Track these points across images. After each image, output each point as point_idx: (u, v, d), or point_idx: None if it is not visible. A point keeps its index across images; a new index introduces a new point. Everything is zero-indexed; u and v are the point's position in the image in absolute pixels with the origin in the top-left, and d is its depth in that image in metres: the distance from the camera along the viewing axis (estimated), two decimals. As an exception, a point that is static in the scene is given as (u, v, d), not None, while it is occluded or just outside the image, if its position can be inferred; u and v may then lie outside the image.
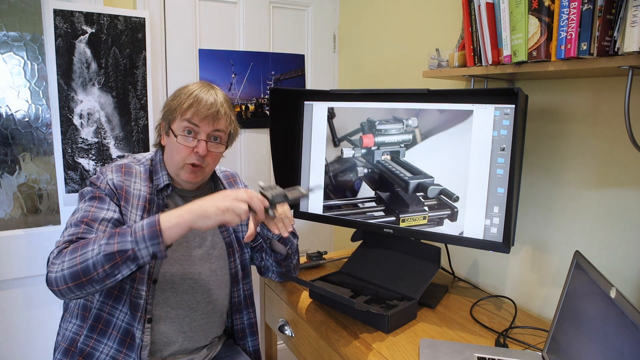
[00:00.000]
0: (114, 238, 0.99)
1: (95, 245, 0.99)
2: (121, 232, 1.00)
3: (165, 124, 1.22)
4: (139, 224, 1.00)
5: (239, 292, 1.35)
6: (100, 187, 1.16)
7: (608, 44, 0.90)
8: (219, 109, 1.18)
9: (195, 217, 0.99)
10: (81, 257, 0.99)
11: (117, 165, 1.21)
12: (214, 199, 1.01)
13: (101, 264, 0.98)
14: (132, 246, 0.98)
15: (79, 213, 1.12)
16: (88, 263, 0.98)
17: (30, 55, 1.71)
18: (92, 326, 1.15)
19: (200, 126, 1.17)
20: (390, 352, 1.06)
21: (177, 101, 1.19)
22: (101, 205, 1.13)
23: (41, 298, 1.75)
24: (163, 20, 1.85)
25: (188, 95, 1.18)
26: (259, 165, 2.13)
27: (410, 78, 1.77)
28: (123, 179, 1.19)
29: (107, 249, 0.98)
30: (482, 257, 1.49)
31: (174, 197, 1.25)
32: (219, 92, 1.23)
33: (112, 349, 1.14)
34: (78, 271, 0.99)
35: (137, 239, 0.98)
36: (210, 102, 1.17)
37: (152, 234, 0.98)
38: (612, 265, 1.13)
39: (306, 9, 2.15)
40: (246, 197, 1.02)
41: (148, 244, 0.98)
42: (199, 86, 1.21)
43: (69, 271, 0.99)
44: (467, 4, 1.20)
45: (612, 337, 0.77)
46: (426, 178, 1.29)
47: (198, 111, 1.16)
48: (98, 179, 1.17)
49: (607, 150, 1.13)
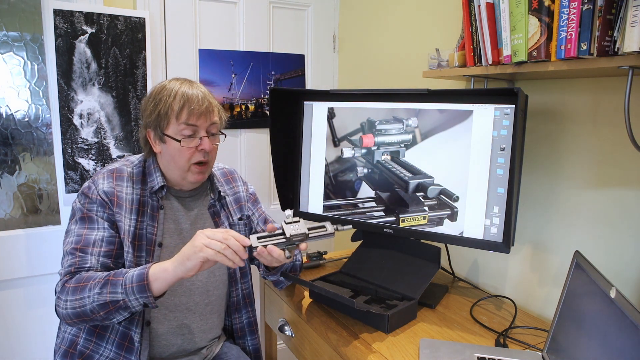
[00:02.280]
0: (106, 287, 1.03)
1: (91, 292, 1.04)
2: (113, 281, 1.04)
3: (156, 132, 1.17)
4: (129, 276, 1.03)
5: (238, 291, 1.35)
6: (91, 199, 1.15)
7: (608, 44, 0.90)
8: (210, 100, 1.18)
9: (177, 265, 1.03)
10: (80, 302, 1.05)
11: (108, 171, 1.20)
12: (191, 241, 1.03)
13: (97, 310, 1.04)
14: (123, 297, 1.02)
15: (72, 237, 1.13)
16: (86, 309, 1.04)
17: (30, 55, 1.71)
18: (90, 330, 1.15)
19: (199, 124, 1.16)
20: (390, 352, 1.06)
21: (164, 105, 1.14)
22: (91, 226, 1.13)
23: (41, 298, 1.75)
24: (163, 20, 1.85)
25: (174, 96, 1.14)
26: (259, 165, 2.13)
27: (410, 78, 1.77)
28: (114, 185, 1.17)
29: (100, 299, 1.03)
30: (482, 257, 1.49)
31: (169, 198, 1.24)
32: (199, 84, 1.21)
33: (111, 352, 1.14)
34: (79, 313, 1.05)
35: (127, 291, 1.02)
36: (200, 97, 1.15)
37: (140, 288, 1.02)
38: (612, 265, 1.13)
39: (306, 9, 2.15)
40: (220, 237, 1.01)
41: (137, 297, 1.02)
42: (179, 83, 1.17)
43: (72, 311, 1.05)
44: (467, 4, 1.20)
45: (612, 337, 0.77)
46: (426, 178, 1.29)
47: (192, 110, 1.13)
48: (89, 189, 1.16)
49: (607, 150, 1.13)
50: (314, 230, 1.07)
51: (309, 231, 1.05)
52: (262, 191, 2.12)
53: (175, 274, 1.03)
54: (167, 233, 1.21)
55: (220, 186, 1.32)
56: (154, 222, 1.19)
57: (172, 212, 1.24)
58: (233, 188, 1.37)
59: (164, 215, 1.22)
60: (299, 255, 1.35)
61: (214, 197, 1.29)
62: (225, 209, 1.32)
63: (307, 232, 1.04)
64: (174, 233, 1.22)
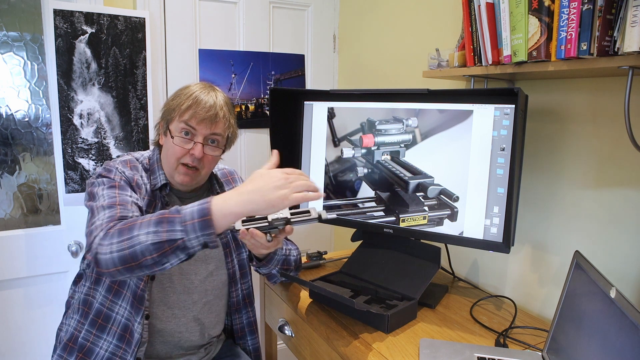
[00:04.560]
0: (162, 225, 0.93)
1: (143, 230, 0.93)
2: (170, 218, 0.93)
3: (163, 124, 1.21)
4: (188, 210, 0.93)
5: (238, 292, 1.35)
6: (115, 175, 1.14)
7: (608, 44, 0.90)
8: (218, 111, 1.16)
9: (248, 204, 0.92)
10: (130, 242, 0.93)
11: (121, 161, 1.20)
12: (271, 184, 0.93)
13: (150, 251, 0.92)
14: (182, 236, 0.91)
15: (102, 199, 1.06)
16: (136, 249, 0.93)
17: (30, 55, 1.71)
18: (92, 321, 1.15)
19: (198, 129, 1.16)
20: (390, 352, 1.06)
21: (176, 101, 1.18)
22: (123, 191, 1.11)
23: (41, 298, 1.75)
24: (163, 20, 1.85)
25: (188, 96, 1.17)
26: (259, 165, 2.12)
27: (410, 78, 1.77)
28: (132, 172, 1.18)
29: (155, 238, 0.92)
30: (482, 257, 1.49)
31: (171, 197, 1.25)
32: (220, 94, 1.21)
33: (111, 345, 1.14)
34: (127, 255, 0.93)
35: (187, 229, 0.91)
36: (210, 104, 1.16)
37: (203, 225, 0.91)
38: (612, 265, 1.13)
39: (306, 9, 2.15)
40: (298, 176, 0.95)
41: (199, 234, 0.91)
42: (200, 87, 1.20)
43: (119, 254, 0.94)
44: (467, 4, 1.20)
45: (612, 337, 0.77)
46: (426, 178, 1.29)
47: (196, 113, 1.14)
48: (110, 172, 1.15)
49: (607, 150, 1.13)
50: (297, 215, 1.06)
51: (291, 216, 1.05)
52: (262, 191, 2.12)
53: (244, 211, 0.93)
54: None
55: (221, 187, 1.33)
56: None
57: None
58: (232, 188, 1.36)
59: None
60: (293, 250, 1.34)
61: None
62: None
63: (289, 217, 1.04)
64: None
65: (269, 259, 1.23)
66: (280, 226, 1.04)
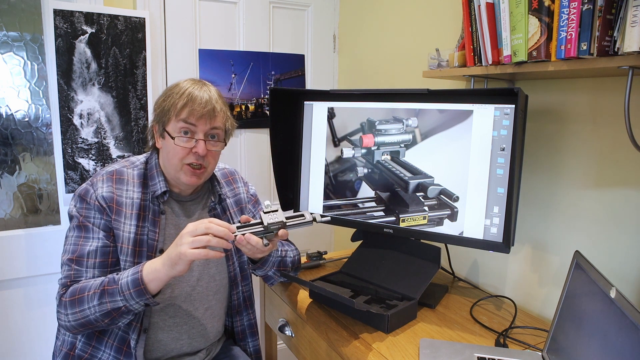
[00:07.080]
0: (104, 297, 1.05)
1: (90, 304, 1.05)
2: (109, 290, 1.05)
3: (159, 127, 1.18)
4: (124, 281, 1.04)
5: (238, 294, 1.34)
6: (89, 204, 1.13)
7: (608, 44, 0.90)
8: (215, 105, 1.15)
9: (168, 267, 1.03)
10: (81, 314, 1.06)
11: (107, 173, 1.18)
12: (174, 243, 1.04)
13: (101, 319, 1.06)
14: (124, 303, 1.04)
15: (68, 246, 1.14)
16: (90, 319, 1.06)
17: (30, 55, 1.71)
18: (89, 334, 1.15)
19: (197, 125, 1.13)
20: (390, 352, 1.06)
21: (169, 101, 1.14)
22: (87, 235, 1.13)
23: (41, 298, 1.75)
24: (163, 20, 1.85)
25: (181, 94, 1.14)
26: (259, 165, 2.13)
27: (410, 78, 1.77)
28: (114, 189, 1.16)
29: (102, 309, 1.05)
30: (482, 257, 1.49)
31: (170, 203, 1.22)
32: (212, 88, 1.19)
33: (110, 356, 1.14)
34: (84, 322, 1.07)
35: (126, 297, 1.04)
36: (205, 99, 1.14)
37: (138, 293, 1.04)
38: (612, 265, 1.13)
39: (306, 9, 2.15)
40: (203, 230, 1.01)
41: (137, 300, 1.04)
42: (191, 83, 1.17)
43: (76, 323, 1.07)
44: (467, 4, 1.20)
45: (612, 337, 0.77)
46: (426, 178, 1.29)
47: (194, 110, 1.12)
48: (87, 194, 1.14)
49: (607, 150, 1.13)
50: (292, 219, 1.09)
51: (287, 220, 1.08)
52: (262, 191, 2.12)
53: (168, 274, 1.04)
54: (169, 239, 1.19)
55: (221, 188, 1.32)
56: (156, 227, 1.18)
57: (173, 218, 1.22)
58: (234, 189, 1.36)
59: (165, 221, 1.20)
60: (290, 251, 1.34)
61: (214, 200, 1.28)
62: (226, 212, 1.31)
63: (284, 221, 1.08)
64: (175, 239, 1.21)
65: (263, 261, 1.23)
66: (275, 230, 1.07)
